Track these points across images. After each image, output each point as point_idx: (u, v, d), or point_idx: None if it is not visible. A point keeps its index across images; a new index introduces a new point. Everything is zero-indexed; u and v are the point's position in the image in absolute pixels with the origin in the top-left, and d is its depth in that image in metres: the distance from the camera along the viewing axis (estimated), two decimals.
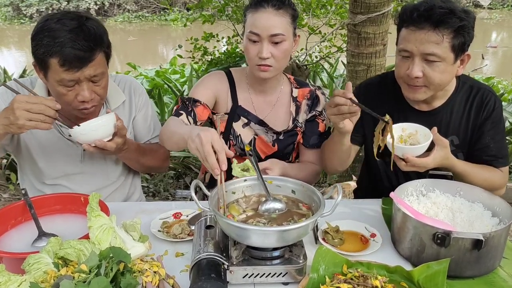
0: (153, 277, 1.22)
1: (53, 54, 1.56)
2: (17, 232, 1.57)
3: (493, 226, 1.47)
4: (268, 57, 1.79)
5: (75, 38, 1.57)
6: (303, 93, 2.04)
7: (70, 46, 1.56)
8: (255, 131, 2.02)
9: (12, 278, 1.13)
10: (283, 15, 1.78)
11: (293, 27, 1.83)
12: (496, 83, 6.90)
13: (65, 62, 1.57)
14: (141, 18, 18.19)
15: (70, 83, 1.63)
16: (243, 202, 1.50)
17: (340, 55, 6.23)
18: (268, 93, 2.01)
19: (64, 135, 1.86)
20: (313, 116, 2.04)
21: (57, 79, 1.61)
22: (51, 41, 1.56)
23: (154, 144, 2.10)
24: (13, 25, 17.57)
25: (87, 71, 1.62)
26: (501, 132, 1.83)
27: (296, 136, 2.04)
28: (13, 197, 3.95)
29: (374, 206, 1.82)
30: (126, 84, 2.02)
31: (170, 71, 7.51)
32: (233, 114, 2.00)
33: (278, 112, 2.02)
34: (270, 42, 1.78)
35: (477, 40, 1.69)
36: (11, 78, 6.28)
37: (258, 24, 1.77)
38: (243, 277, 1.32)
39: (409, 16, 1.63)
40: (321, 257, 1.33)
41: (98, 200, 1.37)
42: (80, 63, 1.59)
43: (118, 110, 1.96)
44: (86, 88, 1.66)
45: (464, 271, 1.37)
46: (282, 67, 1.89)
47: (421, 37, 1.62)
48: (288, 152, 2.06)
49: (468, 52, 1.70)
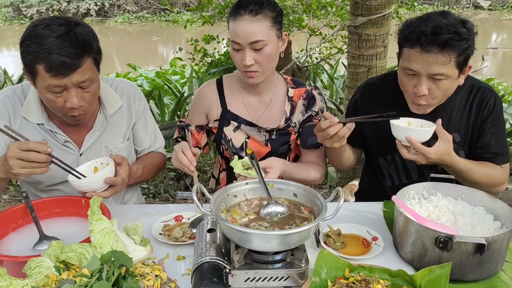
0: (154, 281, 1.21)
1: (39, 61, 1.54)
2: (18, 235, 1.56)
3: (495, 229, 1.47)
4: (252, 63, 1.79)
5: (61, 44, 1.54)
6: (299, 93, 2.04)
7: (57, 52, 1.54)
8: (246, 133, 2.02)
9: (14, 282, 1.12)
10: (262, 19, 1.76)
11: (277, 28, 1.81)
12: (496, 85, 6.90)
13: (51, 69, 1.55)
14: (141, 19, 18.19)
15: (58, 89, 1.60)
16: (245, 206, 1.50)
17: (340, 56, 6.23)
18: (262, 94, 2.02)
19: (59, 141, 1.84)
20: (309, 117, 2.03)
21: (45, 86, 1.59)
22: (37, 47, 1.54)
23: (155, 154, 2.13)
24: (13, 25, 17.59)
25: (75, 77, 1.59)
26: (501, 130, 1.85)
27: (289, 135, 2.03)
28: (13, 198, 3.94)
29: (375, 209, 1.82)
30: (124, 89, 1.99)
31: (170, 72, 7.52)
32: (223, 120, 2.03)
33: (272, 112, 2.03)
34: (251, 49, 1.78)
35: (477, 42, 1.69)
36: (11, 79, 6.29)
37: (237, 32, 1.78)
38: (245, 281, 1.32)
39: (416, 40, 1.63)
40: (323, 261, 1.33)
41: (99, 203, 1.37)
42: (66, 69, 1.56)
43: (116, 115, 1.94)
44: (74, 94, 1.63)
45: (467, 275, 1.36)
46: (270, 69, 1.89)
47: (428, 60, 1.62)
48: (283, 153, 2.05)
49: (470, 64, 1.72)
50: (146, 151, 2.11)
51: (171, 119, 4.86)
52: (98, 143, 1.91)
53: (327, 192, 4.05)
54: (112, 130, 1.94)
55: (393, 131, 1.67)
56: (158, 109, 5.00)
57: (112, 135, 1.94)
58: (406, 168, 1.99)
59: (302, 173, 1.96)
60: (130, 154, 2.03)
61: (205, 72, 5.46)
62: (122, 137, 1.98)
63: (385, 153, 2.01)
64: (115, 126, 1.95)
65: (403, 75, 1.74)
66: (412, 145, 1.62)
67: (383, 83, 1.98)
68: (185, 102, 5.05)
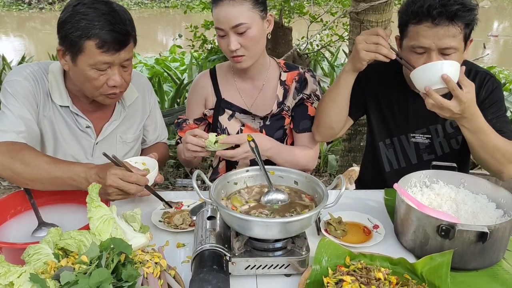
0: (154, 268, 1.20)
1: (91, 36, 1.55)
2: (16, 222, 1.56)
3: (498, 218, 1.46)
4: (237, 48, 1.78)
5: (113, 21, 1.56)
6: (292, 76, 2.02)
7: (109, 28, 1.56)
8: (241, 120, 2.01)
9: (12, 269, 1.11)
10: (242, 2, 1.74)
11: (259, 9, 1.79)
12: (497, 73, 6.88)
13: (104, 44, 1.56)
14: (140, 5, 18.05)
15: (104, 66, 1.61)
16: (245, 193, 1.49)
17: (341, 43, 6.19)
18: (255, 79, 2.01)
19: (80, 126, 1.83)
20: (301, 100, 2.00)
21: (91, 63, 1.59)
22: (89, 23, 1.55)
23: (161, 146, 2.15)
24: (12, 11, 17.45)
25: (123, 54, 1.62)
26: (502, 111, 1.81)
27: (283, 120, 2.01)
28: (12, 185, 3.94)
29: (377, 197, 1.81)
30: (140, 82, 2.01)
31: (170, 59, 7.47)
32: (218, 109, 2.03)
33: (265, 97, 2.01)
34: (235, 33, 1.77)
35: (479, 29, 1.69)
36: (10, 65, 6.25)
37: (219, 18, 1.77)
38: (245, 269, 1.31)
39: (426, 13, 1.60)
40: (323, 249, 1.32)
41: (98, 190, 1.35)
42: (118, 46, 1.59)
43: (132, 106, 1.96)
44: (117, 72, 1.65)
45: (468, 263, 1.36)
46: (258, 52, 1.86)
47: (439, 33, 1.60)
48: (279, 138, 2.02)
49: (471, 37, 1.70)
50: (153, 141, 2.14)
51: (170, 106, 4.84)
52: (114, 133, 1.92)
53: (327, 180, 4.05)
54: (128, 121, 1.96)
55: (422, 76, 1.55)
56: (157, 96, 4.98)
57: (127, 126, 1.96)
58: (405, 152, 1.99)
59: (291, 154, 1.92)
60: (137, 145, 2.05)
61: (205, 59, 5.43)
62: (136, 128, 1.99)
63: (384, 137, 2.01)
64: (131, 117, 1.97)
65: (410, 55, 1.70)
66: (448, 84, 1.50)
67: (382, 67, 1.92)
68: (184, 90, 5.02)
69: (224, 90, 2.03)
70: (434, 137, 1.93)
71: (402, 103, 1.94)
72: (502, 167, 1.67)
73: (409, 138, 1.97)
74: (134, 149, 2.02)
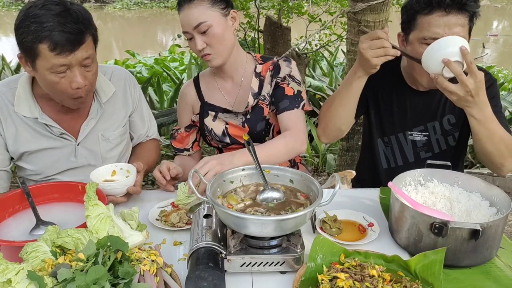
0: (151, 265, 1.21)
1: (42, 40, 1.51)
2: (14, 221, 1.57)
3: (491, 216, 1.47)
4: (203, 47, 1.83)
5: (63, 21, 1.53)
6: (266, 67, 2.04)
7: (60, 29, 1.52)
8: (224, 120, 2.05)
9: (10, 266, 1.12)
10: (199, 3, 1.79)
11: (220, 7, 1.83)
12: (496, 73, 6.89)
13: (56, 47, 1.52)
14: (140, 5, 18.07)
15: (62, 69, 1.57)
16: (241, 191, 1.50)
17: (340, 43, 6.20)
18: (234, 76, 2.04)
19: (54, 134, 1.82)
20: (276, 84, 2.00)
21: (48, 66, 1.56)
22: (38, 26, 1.51)
23: (150, 143, 2.15)
24: (11, 11, 17.46)
25: (79, 54, 1.58)
26: (498, 106, 1.82)
27: (262, 110, 2.01)
28: (11, 184, 3.94)
29: (372, 196, 1.82)
30: (120, 77, 1.98)
31: (169, 59, 7.49)
32: (202, 112, 2.08)
33: (244, 92, 2.04)
34: (198, 33, 1.81)
35: (478, 29, 1.71)
36: (9, 65, 6.26)
37: (182, 22, 1.84)
38: (240, 266, 1.32)
39: (438, 2, 1.63)
40: (318, 246, 1.33)
41: (95, 189, 1.37)
42: (71, 46, 1.55)
43: (110, 102, 1.93)
44: (78, 73, 1.61)
45: (461, 260, 1.37)
46: (225, 50, 1.88)
47: (451, 21, 1.63)
48: (261, 130, 2.01)
49: None
50: (142, 137, 2.12)
51: (170, 106, 4.85)
52: (94, 132, 1.89)
53: (325, 179, 4.06)
54: (108, 118, 1.93)
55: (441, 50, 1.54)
56: (157, 96, 4.99)
57: (108, 123, 1.93)
58: (402, 150, 2.01)
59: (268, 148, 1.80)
60: (125, 141, 2.03)
61: None
62: (118, 124, 1.97)
63: (382, 134, 2.03)
64: (111, 114, 1.94)
65: (419, 47, 1.70)
66: (466, 59, 1.51)
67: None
68: None
69: (207, 93, 2.09)
70: (431, 134, 1.95)
71: (400, 100, 1.96)
72: (504, 160, 1.69)
73: (407, 136, 1.99)
74: (120, 147, 2.00)
